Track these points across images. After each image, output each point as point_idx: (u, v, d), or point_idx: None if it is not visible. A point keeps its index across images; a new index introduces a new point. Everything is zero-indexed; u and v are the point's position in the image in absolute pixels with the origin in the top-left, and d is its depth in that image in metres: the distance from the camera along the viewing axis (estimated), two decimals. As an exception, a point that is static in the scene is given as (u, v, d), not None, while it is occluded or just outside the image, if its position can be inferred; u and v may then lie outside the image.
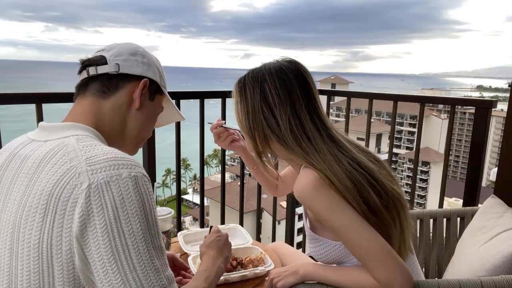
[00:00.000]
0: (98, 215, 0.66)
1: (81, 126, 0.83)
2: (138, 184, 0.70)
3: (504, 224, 1.34)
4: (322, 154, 1.00)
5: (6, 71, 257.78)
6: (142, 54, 0.94)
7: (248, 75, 1.08)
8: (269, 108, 1.03)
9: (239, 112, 1.08)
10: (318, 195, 0.96)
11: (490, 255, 1.20)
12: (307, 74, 1.08)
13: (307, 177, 0.98)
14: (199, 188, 2.36)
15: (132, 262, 0.67)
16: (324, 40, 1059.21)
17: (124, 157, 0.73)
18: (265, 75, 1.05)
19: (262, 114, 1.04)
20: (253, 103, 1.05)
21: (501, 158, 1.71)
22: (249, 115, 1.05)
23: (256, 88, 1.05)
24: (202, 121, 2.14)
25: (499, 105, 39.89)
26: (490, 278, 0.98)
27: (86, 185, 0.67)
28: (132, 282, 0.66)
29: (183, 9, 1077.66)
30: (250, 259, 1.34)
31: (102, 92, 0.88)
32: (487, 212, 1.47)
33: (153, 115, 0.99)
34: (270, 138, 1.05)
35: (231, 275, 1.25)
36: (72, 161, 0.71)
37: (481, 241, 1.32)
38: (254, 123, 1.05)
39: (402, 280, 0.91)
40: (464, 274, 1.20)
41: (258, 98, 1.04)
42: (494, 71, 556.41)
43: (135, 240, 0.67)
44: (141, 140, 1.00)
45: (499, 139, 37.24)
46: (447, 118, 2.13)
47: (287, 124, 1.02)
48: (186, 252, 1.42)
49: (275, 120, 1.03)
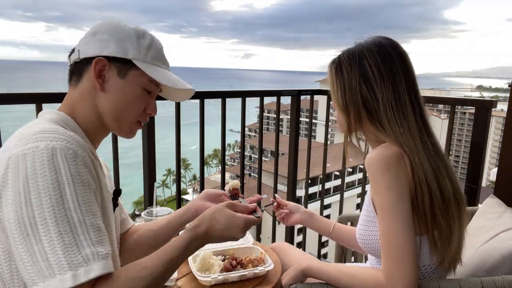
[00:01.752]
0: (11, 186, 0.67)
1: (51, 111, 0.86)
2: (55, 156, 0.68)
3: (503, 224, 1.34)
4: (412, 135, 1.00)
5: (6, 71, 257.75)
6: (106, 30, 0.87)
7: (343, 55, 1.07)
8: (369, 84, 1.02)
9: (335, 91, 1.07)
10: (386, 169, 0.96)
11: (490, 255, 1.20)
12: (404, 50, 1.08)
13: (385, 150, 0.98)
14: (199, 188, 2.36)
15: (38, 234, 0.65)
16: (324, 40, 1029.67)
17: (52, 130, 0.73)
18: (363, 51, 1.04)
19: (360, 91, 1.03)
20: (350, 80, 1.04)
21: (501, 158, 1.71)
22: (345, 93, 1.04)
23: (354, 65, 1.04)
24: (202, 121, 2.14)
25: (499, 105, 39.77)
26: (490, 278, 0.98)
27: (7, 158, 0.69)
28: (38, 254, 0.64)
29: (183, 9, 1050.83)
30: (250, 259, 1.34)
31: (74, 81, 0.90)
32: (486, 212, 1.47)
33: (128, 93, 0.88)
34: (363, 117, 1.04)
35: (230, 274, 1.25)
36: (11, 140, 0.75)
37: (481, 241, 1.32)
38: (350, 100, 1.04)
39: (407, 285, 0.91)
40: (464, 274, 1.20)
41: (356, 74, 1.03)
42: (494, 71, 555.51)
43: (43, 213, 0.65)
44: (128, 122, 0.92)
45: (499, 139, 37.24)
46: (447, 118, 2.13)
47: (386, 101, 1.01)
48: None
49: (374, 96, 1.02)
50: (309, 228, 1.48)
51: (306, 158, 2.72)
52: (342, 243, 1.48)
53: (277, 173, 2.59)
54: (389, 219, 0.95)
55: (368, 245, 1.09)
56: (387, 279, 0.93)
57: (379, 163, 0.97)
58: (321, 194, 2.85)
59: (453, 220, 1.01)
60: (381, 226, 0.97)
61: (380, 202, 0.97)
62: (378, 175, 0.97)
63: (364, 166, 1.07)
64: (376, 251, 1.07)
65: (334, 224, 1.42)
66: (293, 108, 2.56)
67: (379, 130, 1.02)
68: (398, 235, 0.93)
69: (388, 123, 1.01)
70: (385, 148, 0.99)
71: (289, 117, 2.62)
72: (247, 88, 11.19)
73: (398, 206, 0.94)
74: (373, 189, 0.99)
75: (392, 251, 0.93)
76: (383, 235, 0.96)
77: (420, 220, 0.98)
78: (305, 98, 2.66)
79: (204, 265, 1.28)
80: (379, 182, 0.96)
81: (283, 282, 1.12)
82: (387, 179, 0.95)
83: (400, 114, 1.01)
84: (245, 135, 2.77)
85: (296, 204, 1.45)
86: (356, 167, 29.26)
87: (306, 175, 2.69)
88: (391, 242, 0.94)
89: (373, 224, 1.07)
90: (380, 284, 0.94)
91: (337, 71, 1.06)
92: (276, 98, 2.43)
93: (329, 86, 1.11)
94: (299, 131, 2.65)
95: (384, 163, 0.96)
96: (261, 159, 2.46)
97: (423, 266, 1.03)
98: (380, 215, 0.97)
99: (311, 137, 2.66)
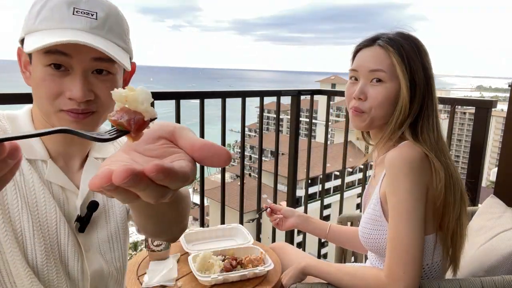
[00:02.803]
0: None
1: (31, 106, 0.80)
2: None
3: (503, 224, 1.34)
4: (435, 139, 1.03)
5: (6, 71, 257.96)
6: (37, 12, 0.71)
7: (403, 47, 1.04)
8: (430, 78, 1.05)
9: (403, 76, 1.03)
10: (409, 172, 0.96)
11: (490, 255, 1.20)
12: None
13: (409, 150, 0.98)
14: (199, 188, 2.36)
15: None
16: (324, 40, 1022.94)
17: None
18: (421, 47, 1.06)
19: (423, 88, 1.04)
20: (416, 71, 1.03)
21: (501, 158, 1.71)
22: (415, 84, 1.03)
23: (416, 61, 1.04)
24: (202, 121, 2.14)
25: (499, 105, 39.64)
26: (490, 278, 0.99)
27: None
28: None
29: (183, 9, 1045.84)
30: (250, 259, 1.34)
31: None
32: (486, 212, 1.47)
33: (36, 78, 0.72)
34: (414, 113, 1.04)
35: (230, 274, 1.25)
36: None
37: (481, 241, 1.32)
38: (415, 95, 1.04)
39: (408, 284, 0.91)
40: (464, 274, 1.20)
41: (420, 68, 1.04)
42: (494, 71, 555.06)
43: None
44: (50, 113, 0.73)
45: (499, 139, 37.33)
46: (447, 118, 2.12)
47: (432, 97, 1.05)
48: (187, 251, 1.43)
49: (430, 94, 1.04)
50: (305, 231, 1.48)
51: (306, 158, 2.72)
52: (339, 244, 1.48)
53: (277, 173, 2.59)
54: (402, 221, 0.94)
55: (372, 244, 1.09)
56: (389, 279, 0.93)
57: (402, 165, 0.96)
58: (321, 194, 2.85)
59: (460, 220, 1.02)
60: (391, 225, 0.97)
61: (395, 202, 0.97)
62: (400, 176, 0.96)
63: (369, 163, 1.07)
64: (380, 250, 1.07)
65: (330, 225, 1.42)
66: (293, 108, 2.56)
67: (415, 133, 1.03)
68: (408, 237, 0.93)
69: (427, 127, 1.03)
70: (409, 148, 0.99)
71: (289, 117, 2.62)
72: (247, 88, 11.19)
73: (414, 210, 0.94)
74: (391, 188, 0.98)
75: (399, 253, 0.93)
76: (392, 235, 0.96)
77: (430, 219, 0.99)
78: (305, 98, 2.66)
79: (204, 265, 1.28)
80: (400, 183, 0.96)
81: (283, 282, 1.12)
82: (408, 183, 0.95)
83: (436, 117, 1.05)
84: (245, 135, 2.77)
85: (290, 209, 1.46)
86: (356, 167, 29.18)
87: (306, 175, 2.69)
88: (399, 244, 0.94)
89: (379, 223, 1.06)
90: (381, 284, 0.94)
91: (402, 57, 1.03)
92: (276, 98, 2.43)
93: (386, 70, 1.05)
94: (299, 131, 2.65)
95: (408, 165, 0.96)
96: (261, 159, 2.46)
97: (426, 264, 1.04)
98: (392, 214, 0.97)
99: (311, 137, 2.66)
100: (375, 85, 1.05)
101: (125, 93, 0.39)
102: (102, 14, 0.71)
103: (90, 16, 0.70)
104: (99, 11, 0.71)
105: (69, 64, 0.69)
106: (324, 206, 2.86)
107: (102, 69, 0.72)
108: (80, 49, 0.68)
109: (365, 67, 1.07)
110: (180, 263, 1.40)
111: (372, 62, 1.05)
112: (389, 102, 1.04)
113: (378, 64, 1.04)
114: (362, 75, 1.08)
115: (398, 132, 1.04)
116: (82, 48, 0.67)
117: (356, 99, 1.08)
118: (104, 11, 0.71)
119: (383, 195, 1.05)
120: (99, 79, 0.73)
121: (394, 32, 1.08)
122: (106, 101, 0.74)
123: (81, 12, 0.69)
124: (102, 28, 0.71)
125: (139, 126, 0.38)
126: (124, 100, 0.39)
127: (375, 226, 1.07)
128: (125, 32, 0.77)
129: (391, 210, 0.98)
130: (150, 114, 0.39)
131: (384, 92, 1.04)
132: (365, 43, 1.10)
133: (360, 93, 1.06)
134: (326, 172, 2.67)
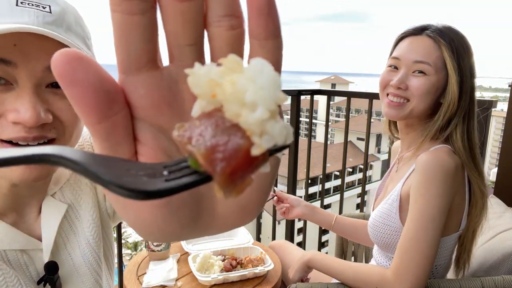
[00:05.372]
0: None
1: None
2: None
3: (503, 224, 1.34)
4: (474, 138, 1.02)
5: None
6: None
7: (454, 41, 1.01)
8: (474, 83, 1.03)
9: (453, 71, 1.00)
10: (443, 178, 0.94)
11: (490, 255, 1.20)
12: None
13: (446, 156, 0.96)
14: (199, 188, 2.36)
15: None
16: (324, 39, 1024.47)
17: None
18: (469, 46, 1.03)
19: (469, 88, 1.02)
20: (465, 70, 1.01)
21: (501, 158, 1.71)
22: (463, 78, 1.01)
23: (465, 58, 1.02)
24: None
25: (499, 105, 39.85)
26: (490, 278, 0.99)
27: None
28: None
29: None
30: (249, 259, 1.34)
31: None
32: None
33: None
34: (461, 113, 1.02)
35: (230, 274, 1.25)
36: None
37: (481, 241, 1.32)
38: (462, 93, 1.02)
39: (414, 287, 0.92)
40: (464, 274, 1.20)
41: (467, 67, 1.02)
42: (494, 71, 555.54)
43: None
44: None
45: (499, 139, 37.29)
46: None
47: (474, 100, 1.03)
48: (187, 251, 1.43)
49: (473, 97, 1.02)
50: (311, 221, 1.47)
51: (306, 158, 2.72)
52: (345, 235, 1.48)
53: (277, 173, 2.59)
54: (422, 224, 0.93)
55: (380, 238, 1.08)
56: (396, 278, 0.92)
57: (437, 170, 0.94)
58: (321, 194, 2.85)
59: (476, 230, 1.04)
60: (410, 226, 0.96)
61: (421, 205, 0.95)
62: (433, 181, 0.95)
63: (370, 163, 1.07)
64: (386, 245, 1.07)
65: (336, 216, 1.42)
66: (293, 108, 2.56)
67: (452, 136, 1.01)
68: (425, 241, 0.93)
69: (467, 130, 1.01)
70: (445, 154, 0.97)
71: (289, 117, 2.62)
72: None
73: (439, 216, 0.94)
74: (420, 190, 0.96)
75: (413, 255, 0.93)
76: (409, 236, 0.95)
77: (450, 223, 1.00)
78: (305, 98, 2.66)
79: (204, 265, 1.28)
80: (431, 187, 0.94)
81: (290, 277, 1.13)
82: (440, 189, 0.94)
83: (475, 122, 1.04)
84: (245, 135, 2.77)
85: (297, 198, 1.45)
86: (356, 167, 29.26)
87: (306, 175, 2.69)
88: (414, 246, 0.93)
89: (392, 219, 1.06)
90: (386, 280, 0.94)
91: (453, 52, 1.00)
92: (276, 98, 2.43)
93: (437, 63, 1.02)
94: (299, 131, 2.65)
95: (444, 172, 0.94)
96: (261, 159, 2.46)
97: (439, 265, 1.04)
98: (414, 217, 0.95)
99: (311, 137, 2.66)
100: (417, 76, 1.02)
101: (215, 72, 0.17)
102: (57, 8, 0.52)
103: (42, 9, 0.50)
104: (52, 5, 0.52)
105: (12, 77, 0.49)
106: (324, 206, 2.85)
107: None
108: (28, 55, 0.49)
109: (409, 57, 1.03)
110: (180, 263, 1.40)
111: (419, 53, 1.02)
112: (431, 95, 1.01)
113: (425, 56, 1.01)
114: (405, 65, 1.04)
115: (444, 133, 1.02)
116: (31, 54, 0.49)
117: (394, 88, 1.04)
118: (60, 5, 0.53)
119: (405, 193, 1.03)
120: (57, 95, 0.52)
121: (441, 25, 1.04)
122: (69, 124, 0.54)
123: (28, 3, 0.50)
124: (60, 25, 0.51)
125: (235, 167, 0.16)
126: (212, 90, 0.17)
127: (387, 221, 1.07)
128: (87, 36, 0.59)
129: (414, 211, 0.96)
130: (274, 135, 0.17)
131: (428, 84, 1.01)
132: (411, 32, 1.06)
133: (400, 82, 1.03)
134: (326, 172, 2.67)
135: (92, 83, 0.19)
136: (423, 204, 0.94)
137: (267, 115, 0.16)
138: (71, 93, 0.19)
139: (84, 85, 0.18)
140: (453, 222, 1.01)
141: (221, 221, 0.26)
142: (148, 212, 0.22)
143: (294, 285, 1.09)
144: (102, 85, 0.19)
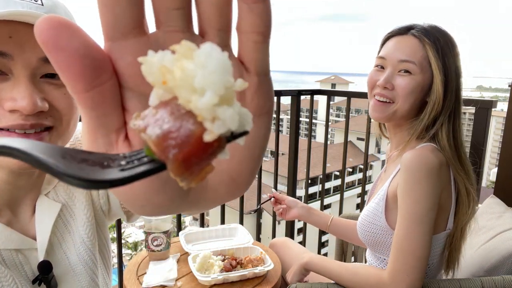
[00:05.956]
0: None
1: None
2: None
3: (503, 224, 1.34)
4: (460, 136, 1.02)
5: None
6: None
7: (439, 40, 1.01)
8: (459, 83, 1.03)
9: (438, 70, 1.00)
10: (428, 176, 0.94)
11: (490, 255, 1.20)
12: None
13: (429, 154, 0.96)
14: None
15: None
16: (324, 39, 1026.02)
17: None
18: (455, 45, 1.03)
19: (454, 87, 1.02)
20: (450, 67, 1.01)
21: (501, 158, 1.71)
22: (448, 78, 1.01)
23: (450, 58, 1.02)
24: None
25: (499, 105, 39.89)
26: (490, 278, 0.98)
27: None
28: None
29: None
30: (249, 259, 1.34)
31: None
32: (486, 212, 1.47)
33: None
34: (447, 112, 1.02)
35: (230, 274, 1.25)
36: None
37: (481, 241, 1.32)
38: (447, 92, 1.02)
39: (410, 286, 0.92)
40: (464, 274, 1.20)
41: (452, 66, 1.01)
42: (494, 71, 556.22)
43: None
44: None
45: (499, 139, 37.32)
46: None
47: (459, 100, 1.03)
48: (187, 251, 1.43)
49: (458, 96, 1.02)
50: (307, 222, 1.48)
51: (306, 158, 2.72)
52: (341, 237, 1.48)
53: (277, 173, 2.58)
54: (413, 224, 0.94)
55: (367, 237, 1.09)
56: (391, 279, 0.93)
57: (422, 168, 0.94)
58: (321, 194, 2.85)
59: (465, 227, 1.04)
60: (401, 226, 0.96)
61: (409, 204, 0.95)
62: (417, 179, 0.95)
63: (370, 163, 1.07)
64: (374, 244, 1.07)
65: (332, 218, 1.42)
66: (293, 108, 2.56)
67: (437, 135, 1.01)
68: (417, 240, 0.93)
69: (452, 129, 1.01)
70: (429, 151, 0.97)
71: (289, 117, 2.62)
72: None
73: (428, 214, 0.94)
74: (405, 189, 0.96)
75: (406, 255, 0.93)
76: (401, 236, 0.95)
77: (440, 220, 1.00)
78: (305, 98, 2.66)
79: (204, 265, 1.28)
80: (416, 186, 0.94)
81: (288, 280, 1.13)
82: (426, 187, 0.93)
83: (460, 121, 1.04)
84: (245, 135, 2.77)
85: (294, 199, 1.45)
86: (356, 167, 29.27)
87: (306, 175, 2.69)
88: (407, 246, 0.93)
89: (378, 218, 1.06)
90: (382, 283, 0.94)
91: (437, 51, 1.00)
92: (276, 98, 2.43)
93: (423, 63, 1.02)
94: (299, 131, 2.65)
95: (427, 169, 0.94)
96: (261, 159, 2.46)
97: (430, 264, 1.04)
98: (404, 216, 0.96)
99: (311, 137, 2.66)
100: (403, 75, 1.03)
101: (168, 59, 0.17)
102: (49, 2, 0.53)
103: (34, 2, 0.51)
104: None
105: (8, 68, 0.50)
106: (324, 206, 2.85)
107: (54, 73, 0.53)
108: (23, 47, 0.50)
109: (395, 57, 1.04)
110: (180, 263, 1.40)
111: (404, 52, 1.02)
112: (415, 95, 1.02)
113: (410, 55, 1.01)
114: (390, 64, 1.05)
115: (430, 131, 1.02)
116: (26, 45, 0.50)
117: (381, 87, 1.05)
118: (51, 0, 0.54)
119: (392, 192, 1.04)
120: (52, 85, 0.54)
121: (427, 24, 1.04)
122: (66, 112, 0.55)
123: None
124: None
125: (188, 154, 0.16)
126: (163, 77, 0.17)
127: (374, 220, 1.07)
128: None
129: (402, 211, 0.96)
130: (227, 121, 0.17)
131: (413, 84, 1.01)
132: (397, 31, 1.07)
133: (386, 82, 1.03)
134: (326, 172, 2.67)
135: (78, 49, 0.18)
136: (411, 204, 0.95)
137: (216, 99, 0.16)
138: (56, 60, 0.18)
139: (69, 51, 0.18)
140: (439, 220, 1.00)
141: (211, 194, 0.26)
142: (138, 184, 0.21)
143: (294, 285, 1.09)
144: (89, 52, 0.19)
